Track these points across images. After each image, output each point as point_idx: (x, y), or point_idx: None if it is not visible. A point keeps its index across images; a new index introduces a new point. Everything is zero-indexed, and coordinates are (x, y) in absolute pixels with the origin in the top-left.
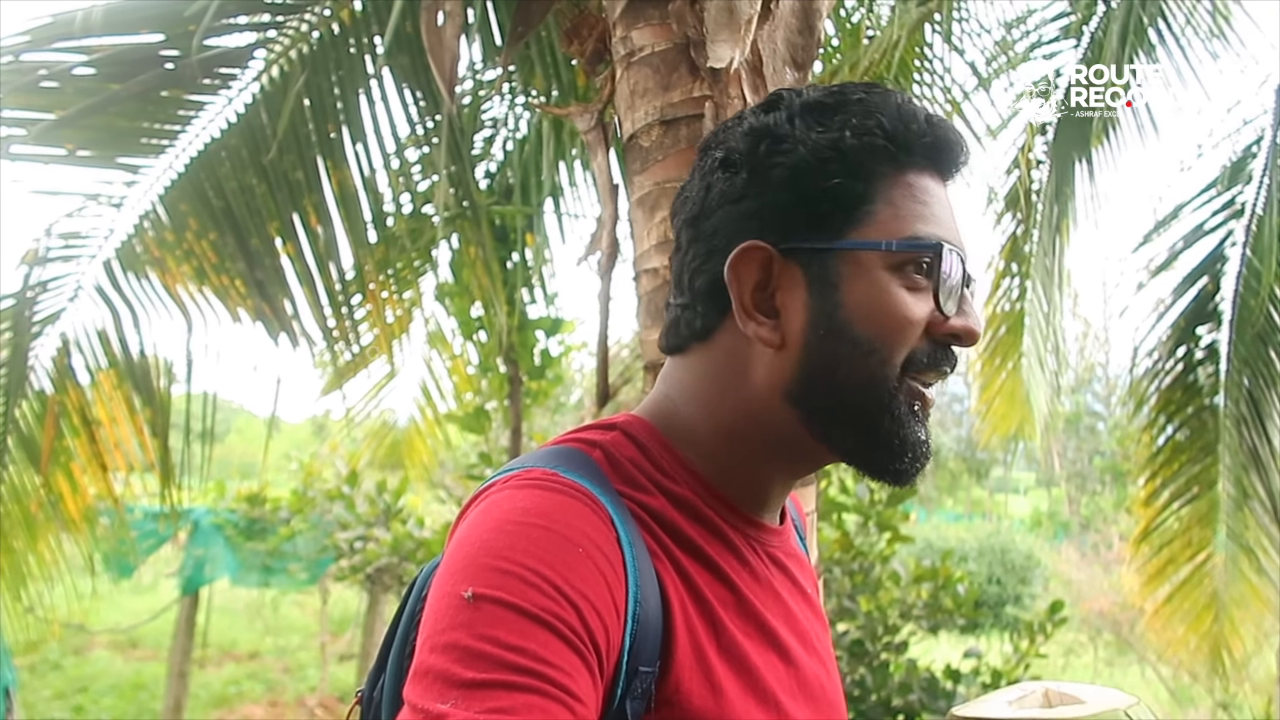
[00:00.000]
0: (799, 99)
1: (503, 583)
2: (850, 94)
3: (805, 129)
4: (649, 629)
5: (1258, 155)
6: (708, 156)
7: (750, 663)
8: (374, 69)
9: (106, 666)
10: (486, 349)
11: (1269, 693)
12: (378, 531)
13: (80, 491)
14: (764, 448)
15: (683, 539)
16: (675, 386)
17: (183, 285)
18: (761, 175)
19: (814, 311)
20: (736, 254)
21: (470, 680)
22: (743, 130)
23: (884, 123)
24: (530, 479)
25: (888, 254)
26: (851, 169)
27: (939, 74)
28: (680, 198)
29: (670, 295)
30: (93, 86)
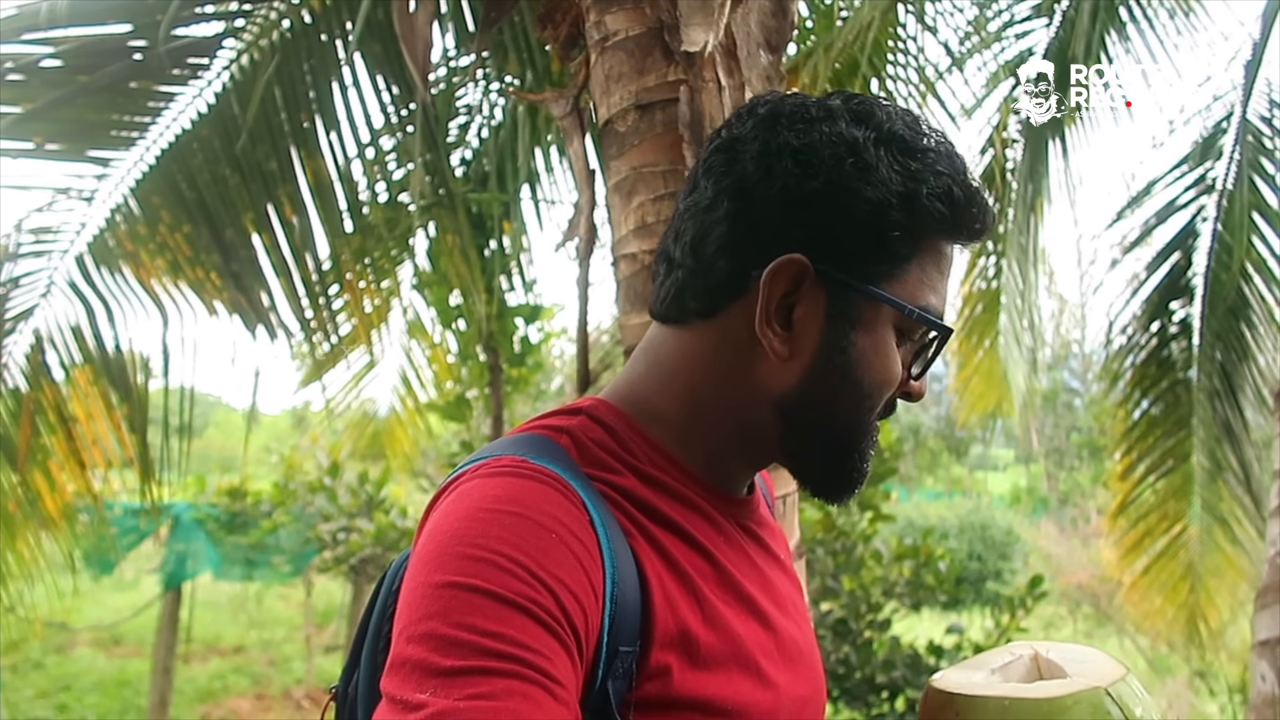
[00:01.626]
0: (887, 123)
1: (477, 570)
2: (926, 139)
3: (889, 166)
4: (627, 609)
5: (1228, 131)
6: (778, 132)
7: (733, 631)
8: (346, 57)
9: (90, 664)
10: (466, 337)
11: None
12: (360, 522)
13: (59, 489)
14: (734, 438)
15: (656, 515)
16: (658, 364)
17: (157, 279)
18: (833, 195)
19: (827, 341)
20: (781, 263)
21: (449, 668)
22: (829, 134)
23: (954, 193)
24: (500, 467)
25: (900, 315)
26: (910, 228)
27: (912, 54)
28: (724, 153)
29: (674, 248)
30: (60, 79)
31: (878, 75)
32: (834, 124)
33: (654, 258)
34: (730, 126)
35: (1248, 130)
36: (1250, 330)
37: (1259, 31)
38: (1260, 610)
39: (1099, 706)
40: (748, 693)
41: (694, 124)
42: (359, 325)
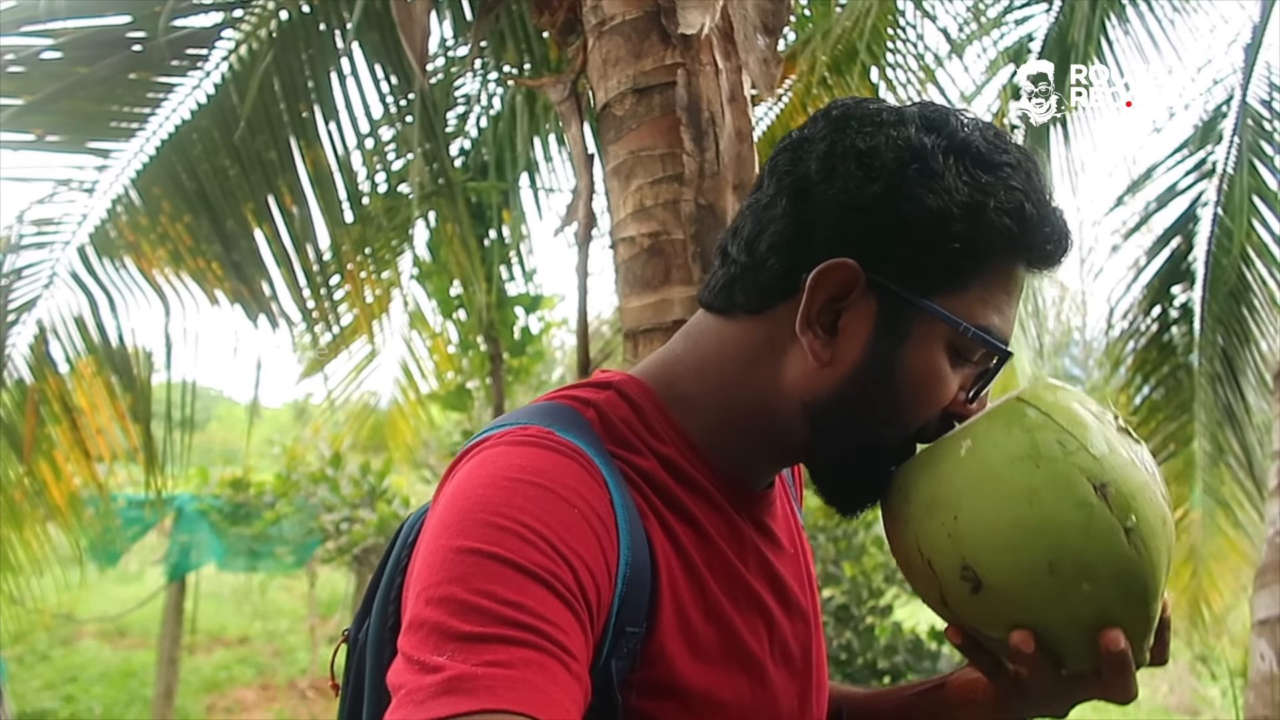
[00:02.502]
0: (961, 132)
1: (499, 539)
2: (1005, 152)
3: (956, 175)
4: (637, 591)
5: (1228, 115)
6: (846, 134)
7: (733, 626)
8: (344, 47)
9: (95, 655)
10: (466, 327)
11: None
12: (363, 513)
13: (64, 479)
14: (760, 434)
15: (673, 501)
16: (697, 349)
17: (159, 269)
18: (893, 201)
19: (873, 354)
20: (830, 266)
21: (467, 633)
22: (898, 138)
23: (1025, 210)
24: (526, 436)
25: (957, 333)
26: (973, 241)
27: (911, 41)
28: (791, 153)
29: (731, 244)
30: (60, 70)
31: (876, 62)
32: (903, 129)
33: (715, 251)
34: (803, 127)
35: (1248, 114)
36: (1251, 314)
37: (1258, 14)
38: (1259, 589)
39: (1015, 412)
40: (745, 689)
41: (691, 107)
42: (360, 315)
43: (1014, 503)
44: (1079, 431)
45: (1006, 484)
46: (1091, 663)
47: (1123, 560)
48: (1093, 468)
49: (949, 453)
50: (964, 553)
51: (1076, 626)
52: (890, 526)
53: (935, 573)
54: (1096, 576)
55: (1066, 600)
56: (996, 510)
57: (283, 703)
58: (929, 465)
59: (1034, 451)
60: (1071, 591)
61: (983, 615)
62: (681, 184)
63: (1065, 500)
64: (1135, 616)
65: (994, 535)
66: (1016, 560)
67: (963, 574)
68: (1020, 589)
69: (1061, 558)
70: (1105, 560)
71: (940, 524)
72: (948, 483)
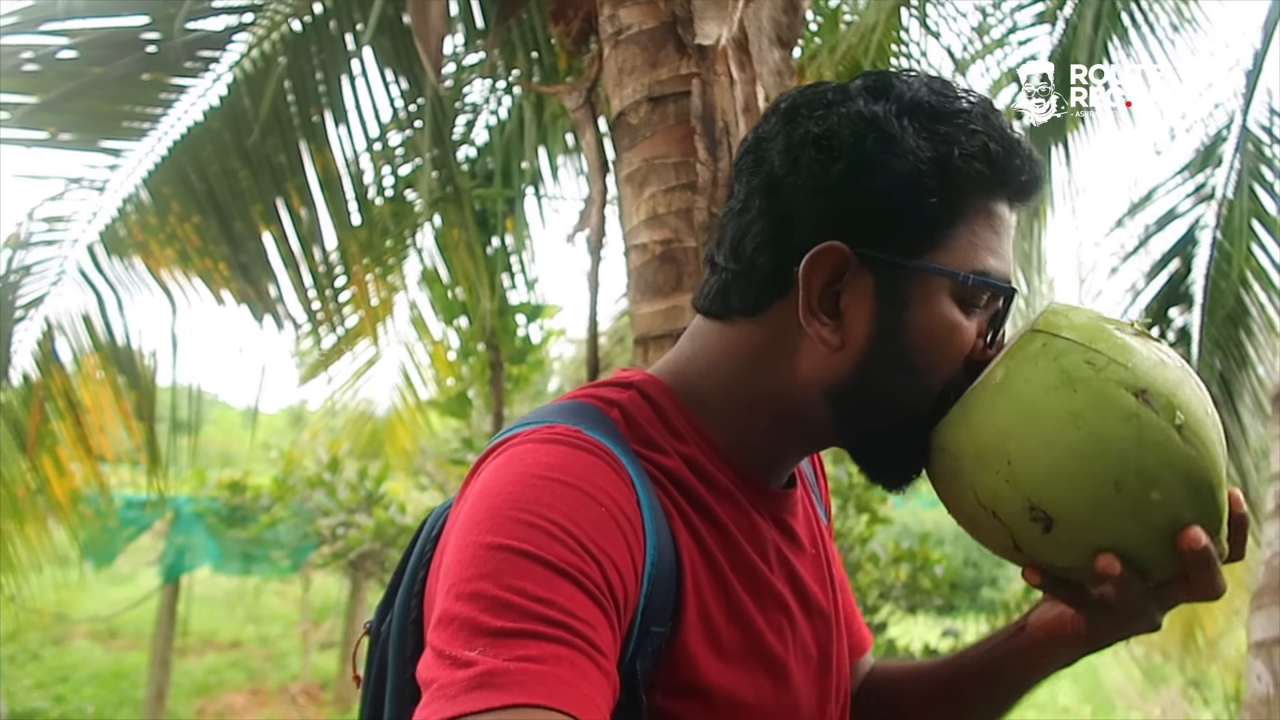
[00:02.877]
0: (909, 92)
1: (529, 535)
2: (957, 100)
3: (915, 134)
4: (663, 590)
5: (1228, 138)
6: (798, 124)
7: (756, 627)
8: (356, 51)
9: (87, 656)
10: (467, 334)
11: (1239, 670)
12: (359, 518)
13: (66, 475)
14: (785, 426)
15: (696, 500)
16: (704, 351)
17: (166, 269)
18: (858, 174)
19: (879, 325)
20: (818, 251)
21: (498, 629)
22: (848, 114)
23: (990, 149)
24: (554, 434)
25: (959, 283)
26: (948, 193)
27: (915, 59)
28: (751, 154)
29: (718, 254)
30: (75, 70)
31: None
32: (852, 104)
33: (702, 259)
34: (758, 126)
35: (1248, 138)
36: (1249, 338)
37: (1260, 40)
38: (1256, 611)
39: (1035, 344)
40: (768, 689)
41: (705, 117)
42: (365, 318)
43: (1062, 432)
44: (1103, 346)
45: (1049, 416)
46: (1175, 568)
47: (1183, 460)
48: (1127, 378)
49: (981, 401)
50: (1027, 494)
51: (1154, 536)
52: (943, 488)
53: (1002, 521)
54: (1161, 482)
55: (1139, 513)
56: (1047, 444)
57: (273, 708)
58: (965, 419)
59: (1066, 377)
60: (1141, 504)
61: (1060, 550)
62: (695, 192)
63: (1111, 416)
64: (1206, 511)
65: (1052, 469)
66: (1081, 488)
67: (1031, 515)
68: (1092, 515)
69: (1124, 474)
70: (1166, 464)
71: (995, 472)
72: (990, 430)
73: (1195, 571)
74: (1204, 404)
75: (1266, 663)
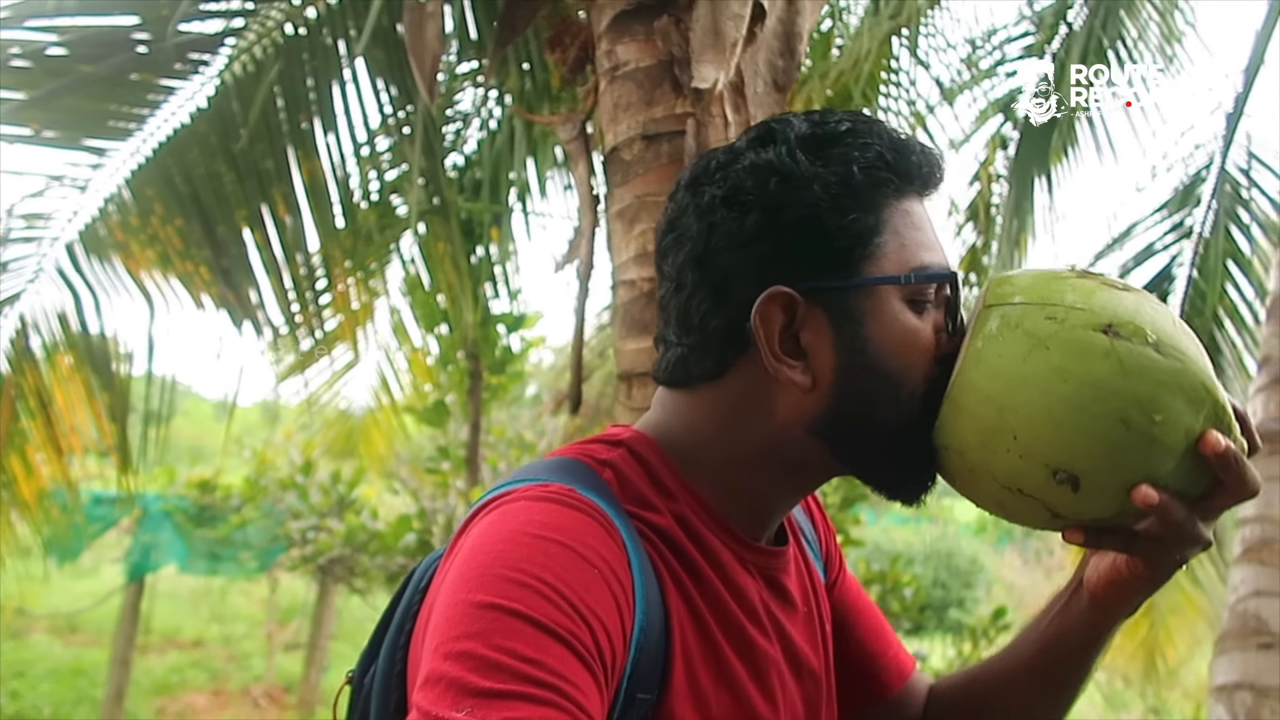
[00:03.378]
0: (793, 131)
1: (520, 595)
2: (839, 124)
3: (810, 165)
4: (651, 656)
5: (1207, 179)
6: (702, 192)
7: (745, 692)
8: (348, 61)
9: (45, 651)
10: (448, 342)
11: (1198, 699)
12: (331, 522)
13: (34, 474)
14: (777, 474)
15: (688, 560)
16: (677, 416)
17: (146, 270)
18: (774, 216)
19: (843, 350)
20: (764, 301)
21: (486, 689)
22: (744, 167)
23: (884, 154)
24: (548, 493)
25: (903, 286)
26: (863, 204)
27: (904, 87)
28: (671, 233)
29: (669, 332)
30: (62, 67)
31: (869, 105)
32: (743, 158)
33: (653, 340)
34: (666, 209)
35: (1226, 180)
36: (1219, 376)
37: (1242, 84)
38: (1219, 655)
39: (992, 319)
40: None
41: (699, 157)
42: (345, 323)
43: (1053, 390)
44: (1056, 298)
45: (1034, 380)
46: (1207, 478)
47: (1170, 374)
48: (1090, 319)
49: (966, 389)
50: (1045, 461)
51: (1175, 455)
52: (963, 485)
53: (1031, 496)
54: (1160, 403)
55: (1153, 440)
56: (1044, 407)
57: (235, 709)
58: (957, 411)
59: (1035, 339)
60: (1152, 430)
61: (1095, 502)
62: None
63: (1090, 359)
64: (1211, 413)
65: (1058, 429)
66: (1091, 436)
67: (1057, 480)
68: (1111, 458)
69: (1124, 408)
70: (1158, 384)
71: (1006, 452)
72: (985, 413)
73: (1226, 474)
74: (1168, 316)
75: (1228, 707)
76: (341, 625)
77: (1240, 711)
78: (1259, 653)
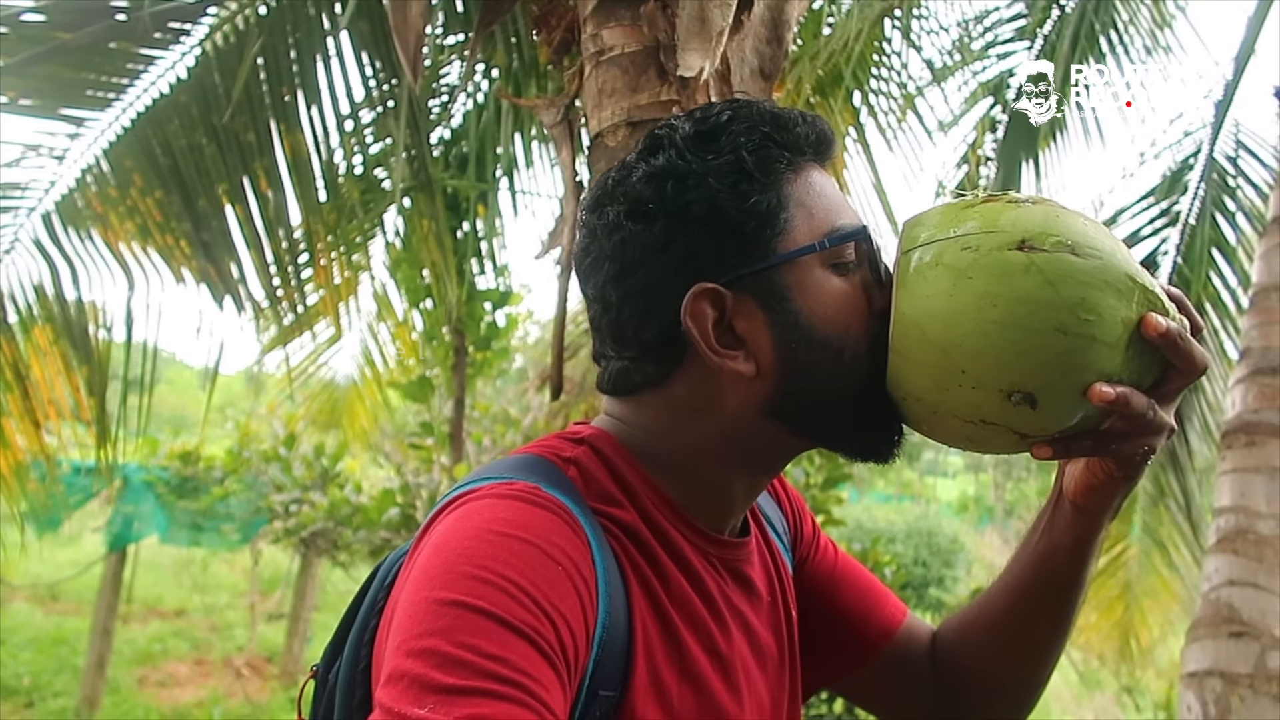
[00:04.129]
0: (678, 134)
1: (484, 592)
2: (721, 114)
3: (702, 160)
4: (613, 653)
5: (1195, 167)
6: (606, 212)
7: (708, 685)
8: (332, 33)
9: (26, 619)
10: (433, 317)
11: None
12: (314, 495)
13: (11, 446)
14: (739, 461)
15: (651, 556)
16: (632, 418)
17: (125, 243)
18: (679, 218)
19: (778, 329)
20: (689, 301)
21: (449, 685)
22: (640, 178)
23: (770, 133)
24: (513, 490)
25: (822, 252)
26: (761, 185)
27: (895, 69)
28: (587, 258)
29: (605, 349)
30: (40, 34)
31: (860, 87)
32: (635, 171)
33: None
34: (577, 237)
35: (1213, 168)
36: None
37: (1231, 73)
38: (1191, 643)
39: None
40: None
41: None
42: (327, 297)
43: (985, 317)
44: (966, 228)
45: (966, 312)
46: (1157, 362)
47: (1092, 272)
48: (1004, 239)
49: (905, 336)
50: (998, 387)
51: (1119, 348)
52: (929, 429)
53: (995, 424)
54: (1089, 303)
55: (1093, 340)
56: (981, 335)
57: (217, 680)
58: (904, 361)
59: (956, 272)
60: (1090, 330)
61: (1056, 414)
62: None
63: (1013, 279)
64: (1142, 299)
65: (1001, 354)
66: (1033, 352)
67: (1014, 402)
68: (1059, 367)
69: (1056, 316)
70: (1082, 284)
71: (959, 387)
72: (929, 357)
73: (1173, 353)
74: (1078, 218)
75: (1198, 694)
76: (324, 597)
77: (1210, 698)
78: (1230, 641)
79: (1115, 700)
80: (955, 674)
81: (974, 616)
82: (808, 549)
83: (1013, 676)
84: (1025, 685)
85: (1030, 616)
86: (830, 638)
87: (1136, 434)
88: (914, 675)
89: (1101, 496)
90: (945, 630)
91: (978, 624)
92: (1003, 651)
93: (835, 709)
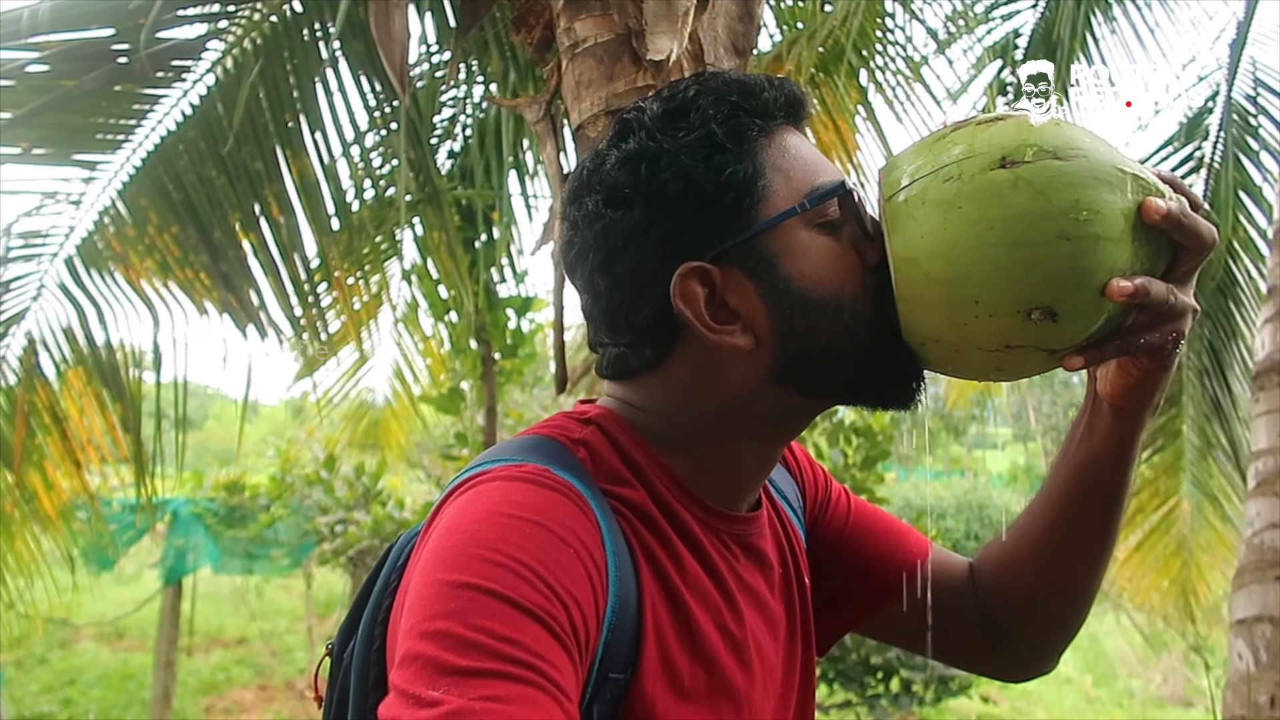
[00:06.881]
0: (646, 115)
1: (495, 574)
2: (687, 90)
3: (672, 138)
4: (623, 636)
5: (1214, 111)
6: (584, 203)
7: (719, 662)
8: (329, 56)
9: (94, 658)
10: (458, 329)
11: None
12: (358, 514)
13: (55, 488)
14: (749, 430)
15: (661, 534)
16: (635, 399)
17: (147, 280)
18: (656, 199)
19: (771, 298)
20: (678, 282)
21: (463, 668)
22: (613, 165)
23: (738, 102)
24: (523, 473)
25: (805, 214)
26: (735, 155)
27: (898, 42)
28: (571, 250)
29: (601, 337)
30: (45, 84)
31: (865, 64)
32: (607, 159)
33: None
34: (561, 234)
35: (1233, 109)
36: (1238, 308)
37: (1243, 11)
38: (1238, 590)
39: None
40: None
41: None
42: (348, 322)
43: (985, 242)
44: (944, 158)
45: (966, 243)
46: (1167, 245)
47: (1080, 173)
48: (984, 162)
49: (909, 282)
50: (1016, 309)
51: (1125, 241)
52: (956, 369)
53: (1021, 345)
54: (1085, 202)
55: (1097, 238)
56: (987, 260)
57: (281, 703)
58: (913, 308)
59: (945, 204)
60: (1091, 230)
61: (1079, 322)
62: None
63: (1003, 198)
64: (1136, 186)
65: (1010, 274)
66: (1042, 265)
67: (1035, 320)
68: (1071, 274)
69: (1057, 224)
70: (1073, 187)
71: (975, 318)
72: (939, 296)
73: (1179, 233)
74: (1053, 122)
75: (1248, 641)
76: None
77: (1261, 644)
78: (1277, 585)
79: (1183, 660)
80: (1000, 598)
81: (1016, 538)
82: (821, 507)
83: (1061, 593)
84: (1074, 601)
85: (1078, 527)
86: (853, 585)
87: (1162, 322)
88: (948, 605)
89: (1141, 393)
90: (984, 559)
91: (1021, 545)
92: (1051, 568)
93: (892, 687)
